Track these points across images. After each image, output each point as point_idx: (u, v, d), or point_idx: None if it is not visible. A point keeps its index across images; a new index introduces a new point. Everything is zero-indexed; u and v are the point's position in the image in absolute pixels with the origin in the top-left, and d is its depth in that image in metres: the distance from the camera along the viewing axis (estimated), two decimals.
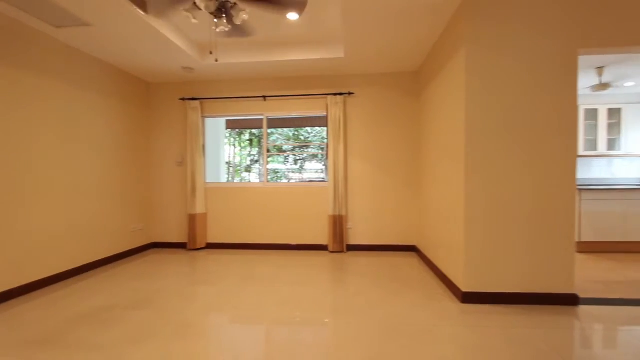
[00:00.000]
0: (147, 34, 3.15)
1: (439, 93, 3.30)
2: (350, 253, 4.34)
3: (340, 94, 4.33)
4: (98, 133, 3.78)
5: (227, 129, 7.04)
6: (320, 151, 4.94)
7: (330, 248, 4.37)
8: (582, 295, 2.75)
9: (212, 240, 4.68)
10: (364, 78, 4.42)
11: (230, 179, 8.64)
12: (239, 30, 2.56)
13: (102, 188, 3.83)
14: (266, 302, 2.67)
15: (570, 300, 2.54)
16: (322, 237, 4.51)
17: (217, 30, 2.24)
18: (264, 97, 4.52)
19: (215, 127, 6.03)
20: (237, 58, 3.93)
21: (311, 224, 4.53)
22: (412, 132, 4.39)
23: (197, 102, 4.54)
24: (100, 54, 3.66)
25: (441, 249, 3.21)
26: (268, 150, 4.89)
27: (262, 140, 4.76)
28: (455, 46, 2.76)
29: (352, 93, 4.40)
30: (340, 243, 4.35)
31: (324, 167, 4.75)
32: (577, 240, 4.31)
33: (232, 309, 2.55)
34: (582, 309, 2.49)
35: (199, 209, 4.54)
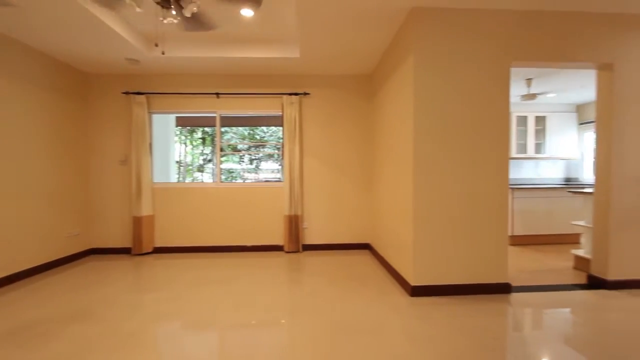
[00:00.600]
0: (83, 19, 2.88)
1: (389, 97, 3.45)
2: (306, 253, 4.37)
3: (296, 94, 4.33)
4: (25, 127, 3.36)
5: (177, 126, 6.69)
6: (277, 151, 4.90)
7: (286, 248, 4.35)
8: (514, 283, 3.05)
9: (160, 244, 4.41)
10: (319, 79, 4.47)
11: (181, 178, 8.20)
12: (198, 23, 2.41)
13: (32, 189, 3.42)
14: (220, 306, 2.59)
15: (504, 289, 2.81)
16: (277, 237, 4.48)
17: (165, 21, 2.11)
18: (217, 94, 4.36)
19: (164, 124, 5.69)
20: (188, 52, 3.75)
21: (267, 225, 4.48)
22: (366, 134, 4.53)
23: (143, 97, 4.25)
24: (29, 40, 3.26)
25: (392, 246, 3.36)
26: (222, 149, 4.73)
27: (215, 138, 4.60)
28: (405, 53, 2.90)
29: (308, 93, 4.42)
30: (296, 243, 4.36)
31: (280, 167, 4.72)
32: (509, 234, 4.77)
33: (183, 315, 2.44)
34: (514, 296, 2.77)
35: (145, 210, 4.26)
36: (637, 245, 2.91)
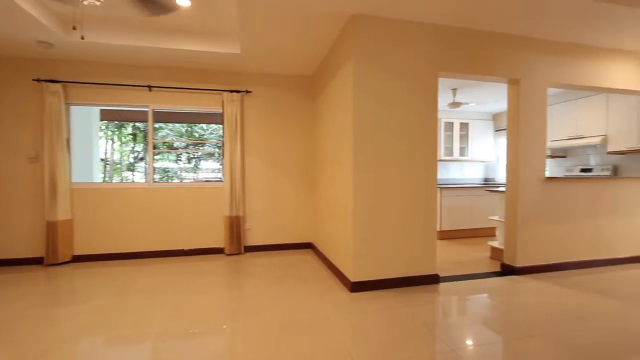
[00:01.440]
0: None
1: (330, 99, 3.54)
2: (248, 254, 4.27)
3: (237, 92, 4.21)
4: None
5: (102, 120, 6.04)
6: (217, 150, 4.71)
7: (227, 250, 4.21)
8: (441, 274, 3.34)
9: (80, 251, 3.94)
10: (262, 77, 4.40)
11: (107, 178, 7.41)
12: (152, 3, 2.05)
13: None
14: (153, 317, 2.40)
15: (433, 280, 3.07)
16: (218, 239, 4.31)
17: (85, 2, 1.90)
18: (150, 86, 4.04)
19: (87, 118, 5.11)
20: (116, 39, 3.41)
21: (206, 227, 4.28)
22: (308, 135, 4.59)
23: (58, 86, 3.75)
24: None
25: (334, 244, 3.45)
26: (155, 147, 4.40)
27: (148, 135, 4.26)
28: (345, 58, 3.01)
29: (250, 91, 4.33)
30: (237, 245, 4.23)
31: (220, 167, 4.54)
32: (438, 229, 5.22)
33: (108, 329, 2.21)
34: (442, 285, 3.04)
35: (62, 214, 3.77)
36: (537, 236, 3.40)
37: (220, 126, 4.46)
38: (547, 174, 5.69)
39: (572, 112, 5.31)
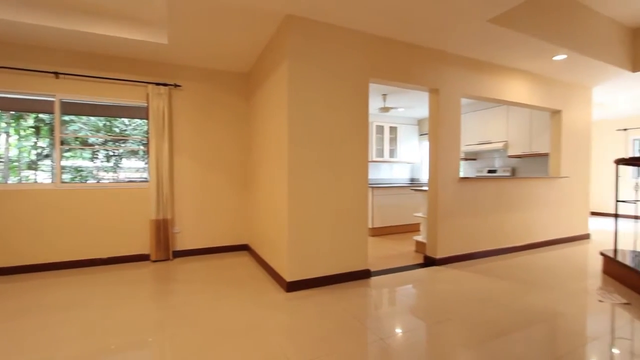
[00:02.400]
0: None
1: (266, 99, 3.51)
2: (178, 260, 4.01)
3: (165, 85, 3.92)
4: None
5: None
6: (142, 147, 4.32)
7: (153, 257, 3.89)
8: (372, 269, 3.55)
9: None
10: (193, 71, 4.16)
11: (1, 179, 6.25)
12: None
13: None
14: (63, 336, 2.11)
15: (365, 275, 3.24)
16: (142, 245, 3.95)
17: None
18: (56, 73, 3.53)
19: None
20: (9, 14, 2.90)
21: (129, 232, 3.89)
22: (243, 133, 4.47)
23: None
24: None
25: (269, 246, 3.43)
26: (65, 143, 3.88)
27: (55, 128, 3.72)
28: (280, 58, 3.01)
29: (179, 85, 4.06)
30: (165, 250, 3.94)
31: (146, 165, 4.19)
32: (370, 227, 5.53)
33: (7, 356, 1.88)
34: (373, 279, 3.23)
35: None
36: (453, 230, 3.82)
37: (145, 121, 4.10)
38: (461, 174, 6.42)
39: (481, 120, 6.08)
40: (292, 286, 2.88)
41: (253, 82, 4.16)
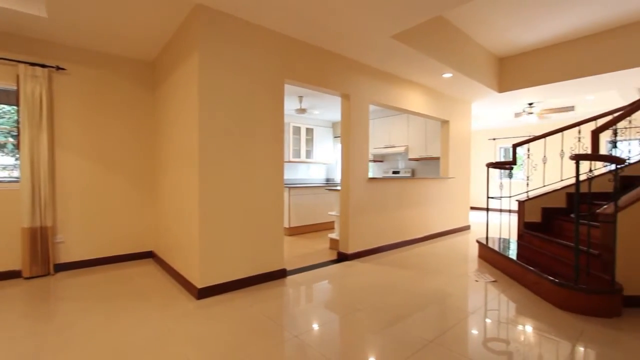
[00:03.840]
0: None
1: (174, 92, 3.23)
2: (63, 274, 3.39)
3: (43, 66, 3.28)
4: None
5: None
6: (12, 139, 3.54)
7: (27, 272, 3.21)
8: (289, 268, 3.59)
9: None
10: (83, 54, 3.58)
11: None
12: None
13: None
14: None
15: (281, 274, 3.25)
16: (10, 259, 3.23)
17: None
18: None
19: None
20: None
21: None
22: (148, 128, 4.04)
23: None
24: None
25: (178, 251, 3.17)
26: None
27: None
28: (189, 50, 2.80)
29: (63, 69, 3.44)
30: (44, 263, 3.30)
31: (17, 162, 3.44)
32: (287, 226, 5.58)
33: None
34: (289, 278, 3.26)
35: None
36: (363, 226, 4.12)
37: (15, 108, 3.36)
38: (370, 175, 6.96)
39: (387, 126, 6.70)
40: (204, 292, 2.71)
41: (160, 72, 3.79)
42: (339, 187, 4.64)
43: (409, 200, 4.82)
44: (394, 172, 6.74)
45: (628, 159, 3.24)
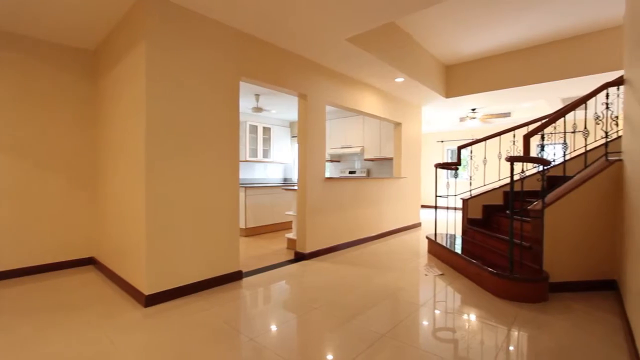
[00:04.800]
0: None
1: (119, 85, 3.00)
2: None
3: None
4: None
5: None
6: None
7: None
8: (245, 269, 3.51)
9: None
10: (10, 38, 3.17)
11: None
12: None
13: None
14: None
15: (237, 276, 3.17)
16: None
17: None
18: None
19: None
20: None
21: None
22: (88, 123, 3.70)
23: None
24: None
25: (123, 255, 2.94)
26: None
27: None
28: (137, 40, 2.62)
29: None
30: None
31: None
32: (244, 227, 5.45)
33: None
34: (246, 280, 3.19)
35: None
36: (320, 226, 4.16)
37: None
38: (327, 174, 7.05)
39: (343, 126, 6.84)
40: (153, 299, 2.55)
41: (103, 63, 3.49)
42: (296, 187, 4.63)
43: (365, 199, 4.97)
44: (351, 172, 6.90)
45: (553, 161, 3.65)
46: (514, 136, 4.45)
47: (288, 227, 6.26)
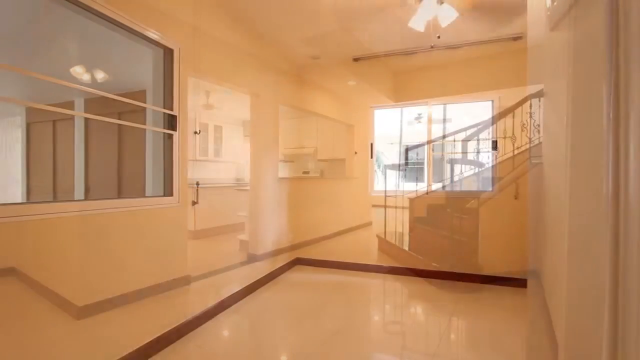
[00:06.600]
0: None
1: None
2: None
3: None
4: None
5: None
6: None
7: None
8: (194, 274, 3.33)
9: None
10: None
11: None
12: None
13: None
14: None
15: (184, 281, 3.01)
16: None
17: None
18: None
19: None
20: None
21: None
22: None
23: None
24: None
25: (51, 261, 2.64)
26: None
27: None
28: None
29: None
30: None
31: None
32: (192, 229, 5.20)
33: None
34: (193, 285, 3.04)
35: None
36: (273, 226, 4.13)
37: None
38: (281, 175, 7.00)
39: (298, 127, 6.85)
40: (87, 311, 2.33)
41: None
42: (248, 187, 4.54)
43: (318, 199, 5.02)
44: (304, 172, 6.93)
45: (487, 164, 4.03)
46: (454, 140, 4.82)
47: (240, 228, 6.10)
